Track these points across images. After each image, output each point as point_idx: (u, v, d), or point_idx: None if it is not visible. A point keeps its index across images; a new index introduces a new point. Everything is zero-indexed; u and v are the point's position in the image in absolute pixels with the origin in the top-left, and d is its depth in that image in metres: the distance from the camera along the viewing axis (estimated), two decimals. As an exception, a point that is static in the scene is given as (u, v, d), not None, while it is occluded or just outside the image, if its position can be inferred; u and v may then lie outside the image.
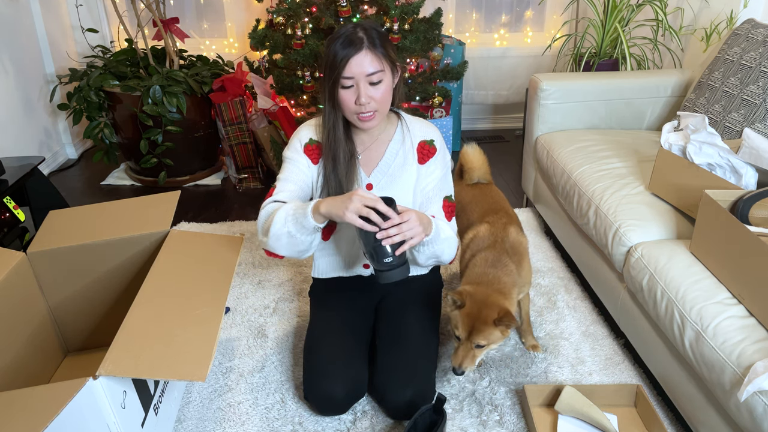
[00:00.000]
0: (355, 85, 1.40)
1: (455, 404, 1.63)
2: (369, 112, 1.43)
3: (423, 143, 1.59)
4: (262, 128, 2.98)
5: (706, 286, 1.45)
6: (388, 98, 1.46)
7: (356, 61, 1.38)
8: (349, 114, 1.46)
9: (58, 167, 3.35)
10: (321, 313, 1.70)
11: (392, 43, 1.48)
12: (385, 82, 1.43)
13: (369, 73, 1.39)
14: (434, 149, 1.59)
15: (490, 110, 3.89)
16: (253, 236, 2.51)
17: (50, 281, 1.66)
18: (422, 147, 1.59)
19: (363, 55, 1.38)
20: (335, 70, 1.40)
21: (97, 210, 1.76)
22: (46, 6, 3.19)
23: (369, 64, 1.39)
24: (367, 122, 1.45)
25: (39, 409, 1.05)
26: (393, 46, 1.46)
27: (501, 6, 3.62)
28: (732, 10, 2.52)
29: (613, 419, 1.55)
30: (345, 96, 1.42)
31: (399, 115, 1.61)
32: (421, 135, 1.59)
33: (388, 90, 1.45)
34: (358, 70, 1.39)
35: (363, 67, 1.38)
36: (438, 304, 1.77)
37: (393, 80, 1.47)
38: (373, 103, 1.42)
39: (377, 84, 1.41)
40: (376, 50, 1.39)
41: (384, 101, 1.45)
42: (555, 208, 2.33)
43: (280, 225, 1.42)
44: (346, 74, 1.39)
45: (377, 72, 1.40)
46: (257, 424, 1.59)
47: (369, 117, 1.44)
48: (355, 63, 1.38)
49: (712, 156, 1.68)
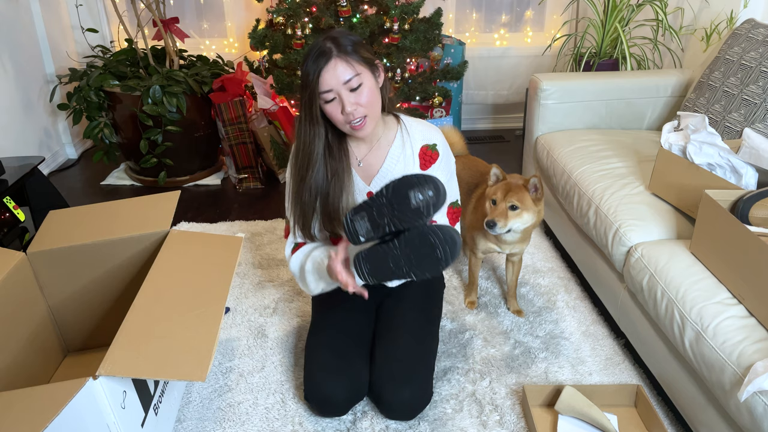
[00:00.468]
0: (336, 96, 1.38)
1: (455, 404, 1.63)
2: (358, 119, 1.40)
3: (425, 148, 1.56)
4: (262, 128, 2.98)
5: (706, 286, 1.45)
6: (375, 100, 1.43)
7: (328, 72, 1.36)
8: (341, 126, 1.43)
9: (58, 167, 3.35)
10: (322, 313, 1.70)
11: (366, 45, 1.44)
12: (366, 84, 1.40)
13: (345, 80, 1.37)
14: (437, 154, 1.56)
15: (490, 110, 3.89)
16: (254, 236, 2.51)
17: (50, 281, 1.66)
18: (424, 152, 1.56)
19: (333, 64, 1.36)
20: (309, 86, 1.38)
21: (97, 210, 1.76)
22: (46, 6, 3.19)
23: (342, 72, 1.36)
24: (361, 130, 1.42)
25: (39, 409, 1.05)
26: (367, 48, 1.43)
27: (501, 6, 3.62)
28: (732, 10, 2.52)
29: (613, 419, 1.55)
30: (330, 110, 1.40)
31: (398, 119, 1.58)
32: (422, 139, 1.56)
33: (372, 92, 1.41)
34: (333, 81, 1.36)
35: (337, 76, 1.36)
36: (438, 304, 1.77)
37: (376, 80, 1.44)
38: (360, 109, 1.39)
39: (358, 89, 1.38)
40: (347, 56, 1.37)
41: (371, 104, 1.41)
42: (555, 208, 2.33)
43: (314, 287, 1.59)
44: (323, 88, 1.37)
45: (353, 77, 1.37)
46: (257, 424, 1.59)
47: (360, 124, 1.41)
48: (328, 75, 1.36)
49: (712, 156, 1.68)
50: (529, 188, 1.68)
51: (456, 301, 2.07)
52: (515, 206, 1.67)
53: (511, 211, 1.67)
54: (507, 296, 2.04)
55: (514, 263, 1.97)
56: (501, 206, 1.68)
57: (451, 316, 2.00)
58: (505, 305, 2.04)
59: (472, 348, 1.85)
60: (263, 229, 2.58)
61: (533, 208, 1.69)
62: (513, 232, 1.75)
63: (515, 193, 1.67)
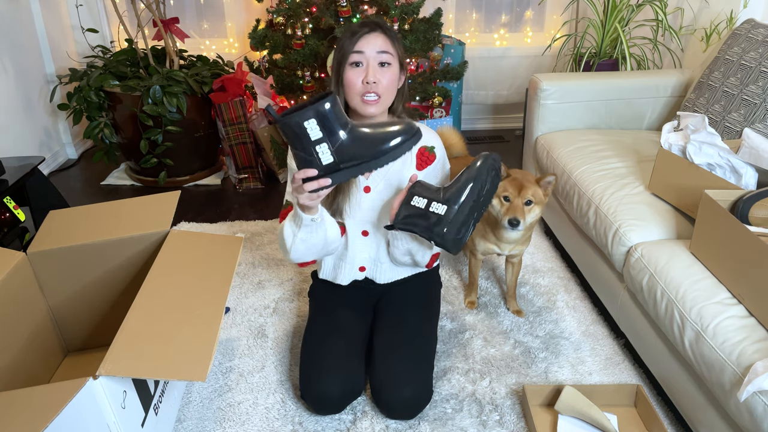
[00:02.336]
0: (364, 63, 1.42)
1: (455, 404, 1.63)
2: (373, 94, 1.43)
3: (423, 149, 1.57)
4: (262, 128, 2.98)
5: (706, 286, 1.45)
6: (392, 87, 1.46)
7: (369, 38, 1.42)
8: (354, 94, 1.45)
9: (58, 167, 3.35)
10: (319, 312, 1.71)
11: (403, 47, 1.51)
12: (393, 69, 1.45)
13: (380, 50, 1.41)
14: (434, 156, 1.57)
15: (490, 110, 3.89)
16: (254, 236, 2.51)
17: (50, 281, 1.66)
18: (422, 153, 1.57)
19: (376, 35, 1.42)
20: (346, 46, 1.42)
21: (97, 210, 1.76)
22: (46, 6, 3.19)
23: (381, 43, 1.42)
24: (370, 106, 1.45)
25: (39, 409, 1.05)
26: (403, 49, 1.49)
27: (501, 6, 3.62)
28: (732, 10, 2.52)
29: (613, 419, 1.55)
30: (351, 75, 1.43)
31: None
32: (421, 141, 1.57)
33: (393, 79, 1.46)
34: (369, 47, 1.41)
35: (375, 44, 1.41)
36: (436, 303, 1.78)
37: (399, 77, 1.49)
38: (379, 86, 1.43)
39: (385, 66, 1.43)
40: (391, 36, 1.43)
41: (389, 88, 1.45)
42: (555, 208, 2.33)
43: (290, 237, 1.47)
44: (357, 48, 1.41)
45: (387, 53, 1.42)
46: (257, 424, 1.59)
47: (373, 101, 1.44)
48: (367, 39, 1.42)
49: (712, 156, 1.68)
50: (542, 184, 1.67)
51: (456, 301, 2.07)
52: (530, 201, 1.66)
53: (527, 206, 1.67)
54: (506, 297, 2.05)
55: (513, 264, 1.97)
56: (517, 203, 1.65)
57: (451, 316, 2.00)
58: (504, 305, 2.04)
59: (472, 348, 1.85)
60: (263, 229, 2.58)
61: (543, 203, 1.69)
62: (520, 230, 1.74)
63: (529, 189, 1.65)
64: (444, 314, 1.99)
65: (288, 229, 1.47)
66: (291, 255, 1.51)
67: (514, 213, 1.64)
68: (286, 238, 1.48)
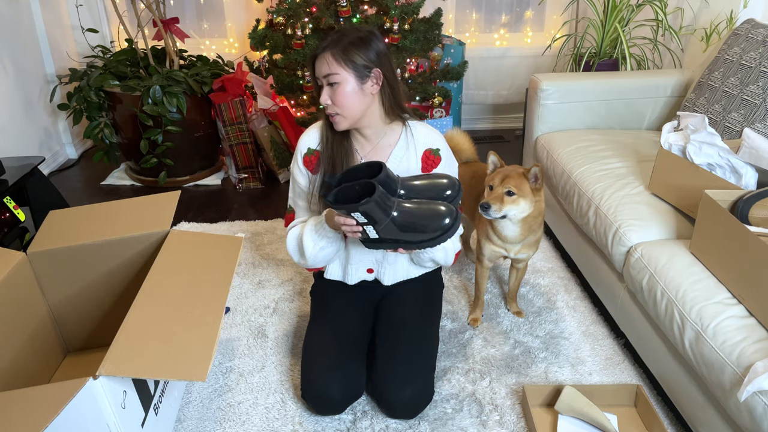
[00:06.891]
0: (322, 85, 1.45)
1: (455, 404, 1.64)
2: (331, 114, 1.46)
3: (428, 152, 1.57)
4: (262, 128, 2.98)
5: (706, 286, 1.45)
6: (348, 103, 1.43)
7: (317, 63, 1.44)
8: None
9: (58, 167, 3.35)
10: (320, 312, 1.71)
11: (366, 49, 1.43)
12: (344, 86, 1.41)
13: (324, 74, 1.43)
14: (439, 159, 1.57)
15: (490, 110, 3.89)
16: (253, 236, 2.51)
17: (50, 281, 1.66)
18: (427, 156, 1.57)
19: (321, 58, 1.43)
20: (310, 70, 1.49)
21: (97, 210, 1.76)
22: (46, 6, 3.19)
23: (325, 67, 1.42)
24: (334, 123, 1.48)
25: (39, 409, 1.05)
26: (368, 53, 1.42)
27: (501, 6, 3.62)
28: (732, 10, 2.52)
29: (613, 419, 1.56)
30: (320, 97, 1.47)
31: (404, 122, 1.57)
32: (426, 143, 1.57)
33: (347, 95, 1.42)
34: (318, 71, 1.45)
35: (320, 69, 1.43)
36: (438, 305, 1.77)
37: (360, 86, 1.43)
38: (333, 107, 1.44)
39: (333, 86, 1.43)
40: (333, 54, 1.41)
41: (343, 105, 1.43)
42: (555, 208, 2.34)
43: (311, 246, 1.53)
44: (314, 72, 1.46)
45: (331, 74, 1.42)
46: (257, 424, 1.59)
47: (336, 119, 1.47)
48: (317, 64, 1.45)
49: (712, 156, 1.68)
50: (529, 177, 1.65)
51: (456, 300, 2.08)
52: (512, 192, 1.63)
53: (508, 197, 1.64)
54: (507, 298, 2.04)
55: (518, 270, 1.95)
56: (497, 191, 1.64)
57: (451, 316, 2.00)
58: (504, 306, 2.04)
59: (472, 348, 1.85)
60: (263, 229, 2.58)
61: (531, 197, 1.65)
62: (511, 223, 1.70)
63: (513, 179, 1.64)
64: (444, 314, 1.99)
65: (309, 239, 1.53)
66: (309, 262, 1.57)
67: (488, 199, 1.64)
68: (306, 246, 1.53)
